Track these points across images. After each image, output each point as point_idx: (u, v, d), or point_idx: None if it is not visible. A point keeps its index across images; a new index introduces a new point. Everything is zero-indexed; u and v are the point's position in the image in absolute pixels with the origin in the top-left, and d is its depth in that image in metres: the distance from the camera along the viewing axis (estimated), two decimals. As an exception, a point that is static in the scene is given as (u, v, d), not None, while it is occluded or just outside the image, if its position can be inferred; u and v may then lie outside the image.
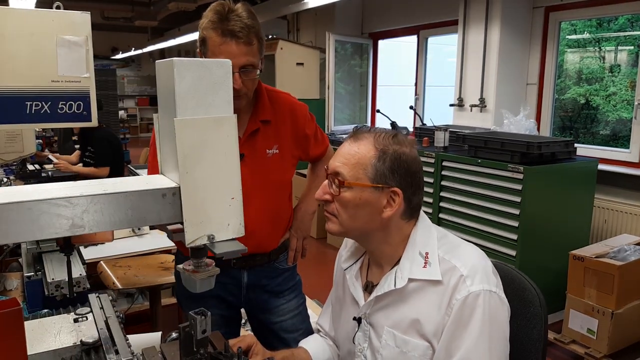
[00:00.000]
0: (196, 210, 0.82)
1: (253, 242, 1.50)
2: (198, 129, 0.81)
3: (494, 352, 0.99)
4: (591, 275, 2.65)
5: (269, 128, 1.50)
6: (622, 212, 3.29)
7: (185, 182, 0.81)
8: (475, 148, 3.16)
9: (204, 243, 0.84)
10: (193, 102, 0.81)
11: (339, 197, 1.04)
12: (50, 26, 1.87)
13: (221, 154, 0.83)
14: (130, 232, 2.85)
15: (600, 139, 3.98)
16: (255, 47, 1.35)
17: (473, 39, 4.02)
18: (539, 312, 1.20)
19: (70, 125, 1.18)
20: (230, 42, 1.31)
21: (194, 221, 0.82)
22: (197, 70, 0.81)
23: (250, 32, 1.32)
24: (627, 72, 3.80)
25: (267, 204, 1.51)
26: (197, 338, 1.00)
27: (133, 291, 2.90)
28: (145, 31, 10.78)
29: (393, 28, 5.37)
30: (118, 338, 1.15)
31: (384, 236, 1.08)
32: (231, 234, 0.86)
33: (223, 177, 0.84)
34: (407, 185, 1.04)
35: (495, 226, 3.03)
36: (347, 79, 5.93)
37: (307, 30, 6.39)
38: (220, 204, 0.84)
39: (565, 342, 2.75)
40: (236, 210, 0.86)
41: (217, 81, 0.83)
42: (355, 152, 1.04)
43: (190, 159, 0.81)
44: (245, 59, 1.33)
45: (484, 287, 1.00)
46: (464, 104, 4.15)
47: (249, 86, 1.39)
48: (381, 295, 1.08)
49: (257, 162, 1.48)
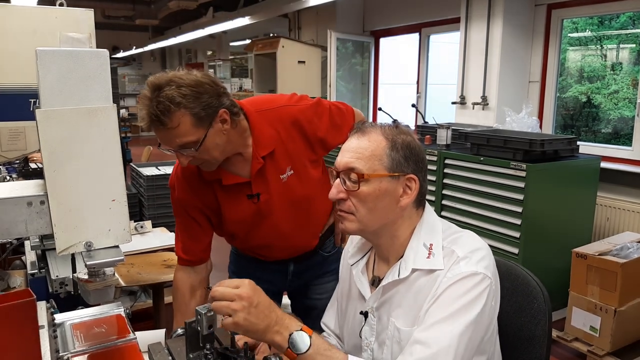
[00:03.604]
0: (68, 213, 0.73)
1: (299, 249, 1.59)
2: (67, 122, 0.72)
3: (465, 335, 0.96)
4: (594, 272, 2.65)
5: (275, 156, 1.42)
6: (625, 209, 3.28)
7: (53, 182, 0.72)
8: (477, 146, 3.15)
9: (80, 251, 0.74)
10: (62, 94, 0.73)
11: (356, 192, 1.03)
12: (54, 23, 1.86)
13: (97, 149, 0.74)
14: (133, 230, 2.85)
15: (602, 137, 3.97)
16: (186, 126, 1.20)
17: (475, 37, 4.01)
18: (543, 308, 1.20)
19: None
20: (156, 127, 1.21)
21: (66, 226, 0.73)
22: (66, 61, 0.73)
23: (173, 115, 1.18)
24: (629, 70, 3.79)
25: (300, 219, 1.51)
26: (203, 334, 1.00)
27: (136, 289, 2.91)
28: (146, 30, 10.78)
29: (395, 26, 5.36)
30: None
31: (395, 229, 1.09)
32: (113, 241, 0.77)
33: (101, 177, 0.75)
34: (419, 171, 1.06)
35: (498, 224, 3.02)
36: (349, 78, 5.93)
37: (308, 28, 6.38)
38: (98, 207, 0.75)
39: (568, 339, 2.74)
40: (119, 214, 0.76)
41: (92, 73, 0.76)
42: (367, 145, 1.04)
43: (58, 155, 0.72)
44: (177, 141, 1.22)
45: (478, 269, 0.99)
46: (466, 101, 4.14)
47: (204, 157, 1.28)
48: (387, 286, 1.08)
49: (275, 192, 1.44)
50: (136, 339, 0.86)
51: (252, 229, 1.49)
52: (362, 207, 1.04)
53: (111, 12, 9.03)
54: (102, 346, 0.84)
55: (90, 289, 0.78)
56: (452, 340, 0.94)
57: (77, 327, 0.89)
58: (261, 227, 1.48)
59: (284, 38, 5.77)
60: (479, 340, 1.01)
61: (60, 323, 0.91)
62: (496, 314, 1.07)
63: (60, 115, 0.72)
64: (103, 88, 0.75)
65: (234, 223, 1.48)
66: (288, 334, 0.93)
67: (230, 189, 1.42)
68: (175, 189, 1.47)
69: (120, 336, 0.86)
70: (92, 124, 0.73)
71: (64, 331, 0.90)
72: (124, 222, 0.77)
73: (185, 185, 1.44)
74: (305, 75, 5.81)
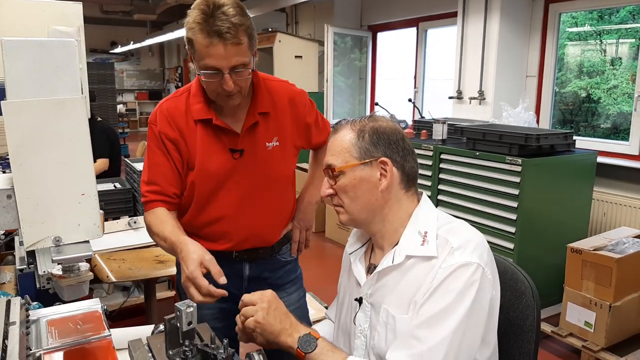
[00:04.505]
0: (36, 208, 0.71)
1: (256, 237, 1.51)
2: (34, 114, 0.70)
3: (461, 327, 0.97)
4: (589, 268, 2.63)
5: (268, 120, 1.45)
6: (621, 204, 3.26)
7: (20, 175, 0.70)
8: (473, 140, 3.13)
9: (49, 246, 0.73)
10: (29, 85, 0.72)
11: (337, 185, 1.12)
12: (42, 17, 1.84)
13: (66, 142, 0.73)
14: (126, 226, 2.84)
15: (601, 133, 3.94)
16: (245, 45, 1.27)
17: (472, 31, 3.98)
18: (531, 303, 1.19)
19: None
20: (217, 43, 1.23)
21: (33, 221, 0.71)
22: (33, 52, 0.72)
23: (238, 31, 1.24)
24: (629, 65, 3.75)
25: (269, 198, 1.49)
26: (182, 330, 0.98)
27: (129, 284, 2.90)
28: (145, 25, 10.74)
29: (392, 20, 5.33)
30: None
31: (385, 214, 1.12)
32: (83, 236, 0.75)
33: (70, 170, 0.74)
34: (393, 152, 1.10)
35: (494, 219, 3.01)
36: (348, 73, 5.90)
37: (306, 23, 6.35)
38: (67, 201, 0.73)
39: (562, 335, 2.73)
40: (89, 208, 0.75)
41: (60, 64, 0.74)
42: (339, 141, 1.12)
43: (25, 148, 0.70)
44: (235, 60, 1.26)
45: (472, 259, 1.01)
46: (463, 96, 4.12)
47: (242, 85, 1.33)
48: (382, 273, 1.10)
49: (257, 157, 1.44)
50: (110, 336, 0.85)
51: (218, 189, 1.42)
52: (345, 198, 1.12)
53: (109, 7, 8.99)
54: (76, 342, 0.82)
55: (63, 284, 0.76)
56: (446, 335, 0.96)
57: (52, 323, 0.87)
58: (229, 190, 1.43)
59: (280, 32, 5.75)
60: (480, 329, 1.01)
61: (35, 319, 0.89)
62: (497, 303, 1.08)
63: (27, 107, 0.70)
64: (71, 79, 0.74)
65: (204, 176, 1.40)
66: (298, 336, 1.06)
67: (215, 136, 1.40)
68: (157, 124, 1.40)
69: (95, 333, 0.85)
70: (60, 115, 0.72)
71: (39, 328, 0.89)
72: (94, 217, 0.75)
73: (169, 120, 1.39)
74: (302, 70, 5.78)
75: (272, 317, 1.08)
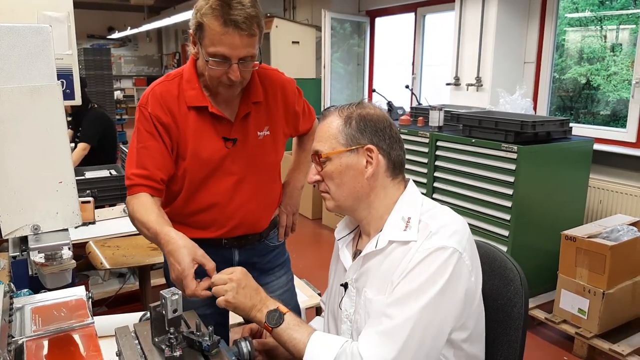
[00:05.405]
0: (13, 196, 0.71)
1: (246, 224, 1.52)
2: (8, 101, 0.69)
3: (429, 307, 0.98)
4: (583, 255, 2.64)
5: (260, 109, 1.46)
6: (618, 192, 3.25)
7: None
8: (469, 127, 3.12)
9: (27, 234, 0.74)
10: (2, 72, 0.70)
11: (324, 172, 1.13)
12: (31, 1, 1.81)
13: (42, 129, 0.72)
14: (121, 212, 2.83)
15: (601, 120, 3.92)
16: (257, 38, 1.29)
17: (470, 17, 3.93)
18: (519, 291, 1.19)
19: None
20: (232, 32, 1.23)
21: (11, 209, 0.72)
22: (6, 38, 0.70)
23: (253, 23, 1.24)
24: (629, 51, 3.71)
25: (259, 186, 1.50)
26: (168, 317, 0.99)
27: (125, 271, 2.91)
28: (142, 10, 10.64)
29: (390, 5, 5.26)
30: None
31: (370, 201, 1.13)
32: (62, 224, 0.76)
33: (47, 158, 0.73)
34: (380, 139, 1.10)
35: (489, 206, 3.01)
36: (347, 59, 5.84)
37: (303, 8, 6.27)
38: (44, 189, 0.74)
39: (556, 321, 2.75)
40: (67, 196, 0.75)
41: (34, 50, 0.73)
42: (326, 128, 1.13)
43: (0, 136, 0.70)
44: (245, 51, 1.27)
45: (448, 243, 1.01)
46: (460, 83, 4.09)
47: (245, 76, 1.34)
48: (366, 257, 1.11)
49: (249, 145, 1.45)
50: (94, 324, 0.85)
51: (210, 177, 1.43)
52: (331, 185, 1.13)
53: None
54: (59, 330, 0.82)
55: (46, 272, 0.76)
56: (413, 313, 0.98)
57: (36, 311, 0.88)
58: (221, 178, 1.43)
59: (277, 18, 5.68)
60: (452, 313, 1.02)
61: (20, 307, 0.89)
62: (478, 290, 1.08)
63: (1, 94, 0.69)
64: (47, 65, 0.72)
65: (196, 163, 1.40)
66: (266, 311, 1.08)
67: (208, 124, 1.40)
68: (148, 106, 1.38)
69: (78, 320, 0.85)
70: (35, 103, 0.71)
71: (24, 315, 0.89)
72: (72, 205, 0.76)
73: (162, 103, 1.38)
74: (299, 56, 5.73)
75: (242, 295, 1.09)
